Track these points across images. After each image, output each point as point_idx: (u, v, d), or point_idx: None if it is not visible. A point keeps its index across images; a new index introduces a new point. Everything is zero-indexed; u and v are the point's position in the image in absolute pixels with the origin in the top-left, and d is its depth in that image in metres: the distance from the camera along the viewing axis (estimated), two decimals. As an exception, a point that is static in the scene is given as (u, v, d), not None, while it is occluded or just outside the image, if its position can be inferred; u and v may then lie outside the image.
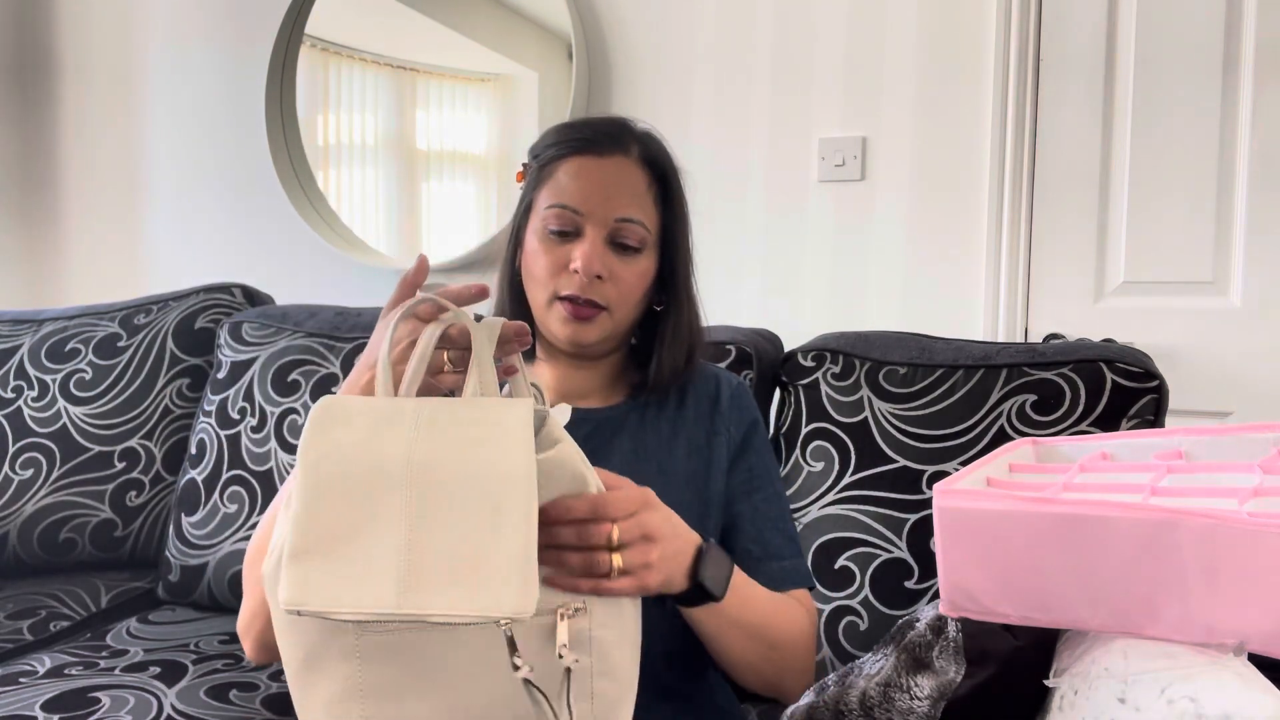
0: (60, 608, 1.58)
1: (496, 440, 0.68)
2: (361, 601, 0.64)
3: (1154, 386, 1.25)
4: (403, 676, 0.69)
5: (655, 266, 0.98)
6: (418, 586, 0.64)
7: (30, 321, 1.85)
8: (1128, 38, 1.80)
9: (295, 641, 0.70)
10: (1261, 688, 0.65)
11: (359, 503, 0.66)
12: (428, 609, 0.64)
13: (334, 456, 0.68)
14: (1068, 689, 0.75)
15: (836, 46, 1.96)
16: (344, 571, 0.65)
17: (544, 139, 1.01)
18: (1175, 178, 1.77)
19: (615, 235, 0.95)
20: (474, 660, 0.69)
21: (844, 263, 1.98)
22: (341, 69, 2.44)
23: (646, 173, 0.97)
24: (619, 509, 0.73)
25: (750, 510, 1.00)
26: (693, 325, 1.02)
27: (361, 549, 0.65)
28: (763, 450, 1.04)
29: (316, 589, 0.65)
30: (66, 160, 2.68)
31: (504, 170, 2.34)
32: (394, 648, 0.69)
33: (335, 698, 0.69)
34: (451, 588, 0.65)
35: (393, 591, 0.64)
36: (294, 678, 0.71)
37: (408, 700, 0.69)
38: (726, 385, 1.05)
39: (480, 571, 0.65)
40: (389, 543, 0.65)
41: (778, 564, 0.98)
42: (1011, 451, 1.02)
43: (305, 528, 0.66)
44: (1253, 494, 0.79)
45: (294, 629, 0.70)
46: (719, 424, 1.02)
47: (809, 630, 0.96)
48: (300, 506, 0.67)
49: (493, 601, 0.64)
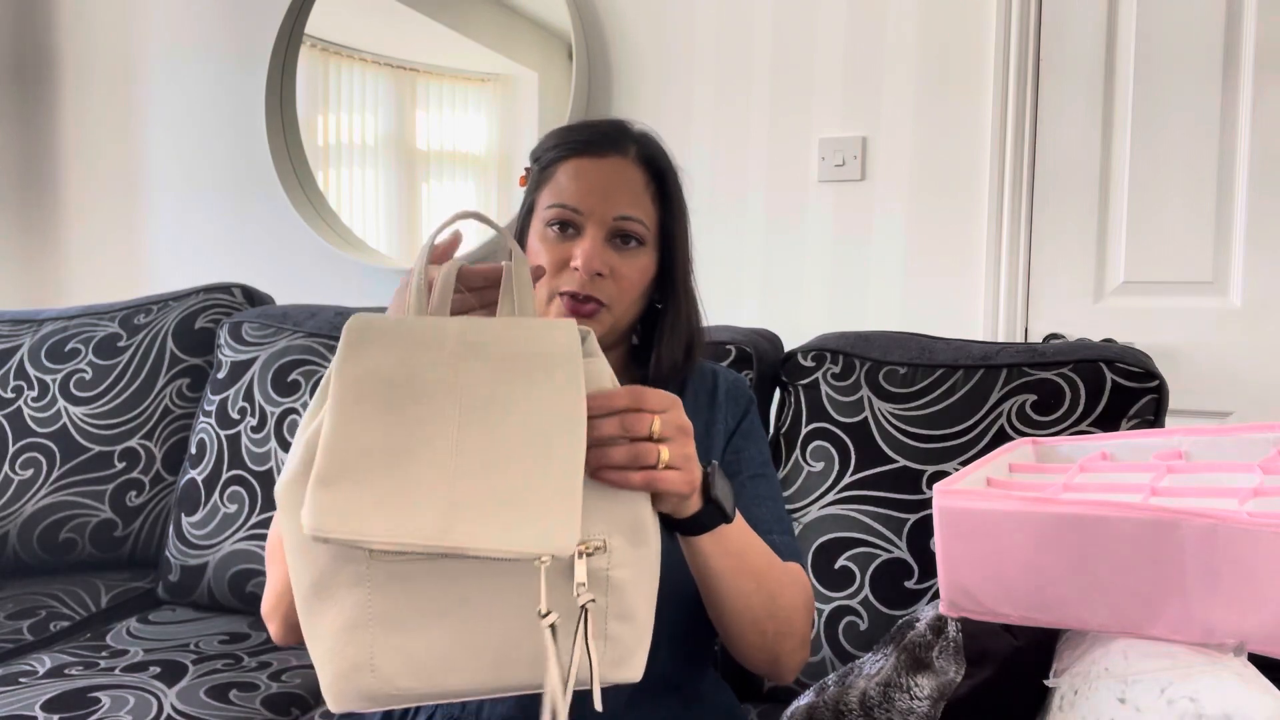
0: (60, 608, 1.58)
1: (544, 373, 0.67)
2: (399, 531, 0.62)
3: (1154, 386, 1.25)
4: (413, 608, 0.67)
5: (655, 264, 1.00)
6: (461, 520, 0.63)
7: (30, 321, 1.85)
8: (1128, 37, 1.80)
9: (305, 566, 0.67)
10: (1261, 688, 0.65)
11: (398, 430, 0.64)
12: (472, 542, 0.62)
13: (371, 377, 0.65)
14: (1068, 689, 0.75)
15: (836, 47, 1.96)
16: (379, 499, 0.63)
17: (544, 142, 1.03)
18: (1175, 178, 1.77)
19: (615, 233, 0.96)
20: (490, 595, 0.67)
21: (844, 263, 1.98)
22: (341, 69, 2.44)
23: (644, 172, 0.99)
24: (657, 402, 0.72)
25: (738, 487, 0.99)
26: (691, 321, 1.03)
27: (400, 478, 0.63)
28: (753, 434, 1.05)
29: (347, 516, 0.62)
30: (66, 160, 2.68)
31: (504, 170, 2.34)
32: (406, 578, 0.66)
33: (344, 625, 0.66)
34: (495, 521, 0.63)
35: (435, 524, 0.62)
36: (303, 604, 0.68)
37: (416, 633, 0.67)
38: (724, 379, 1.07)
39: (526, 506, 0.64)
40: (431, 474, 0.63)
41: (767, 538, 0.97)
42: (1011, 451, 1.02)
43: (336, 451, 0.63)
44: (1253, 494, 0.79)
45: (305, 553, 0.67)
46: (716, 415, 1.04)
47: (806, 596, 0.96)
48: (332, 428, 0.64)
49: (537, 537, 0.63)
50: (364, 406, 0.65)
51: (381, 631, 0.66)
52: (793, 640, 0.94)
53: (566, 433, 0.66)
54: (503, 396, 0.66)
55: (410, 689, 0.67)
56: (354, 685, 0.67)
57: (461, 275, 0.76)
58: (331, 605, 0.67)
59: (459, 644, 0.67)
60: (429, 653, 0.67)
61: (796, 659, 0.94)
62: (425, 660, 0.67)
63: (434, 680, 0.67)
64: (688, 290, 1.03)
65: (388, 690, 0.67)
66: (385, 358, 0.66)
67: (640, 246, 0.98)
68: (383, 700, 0.68)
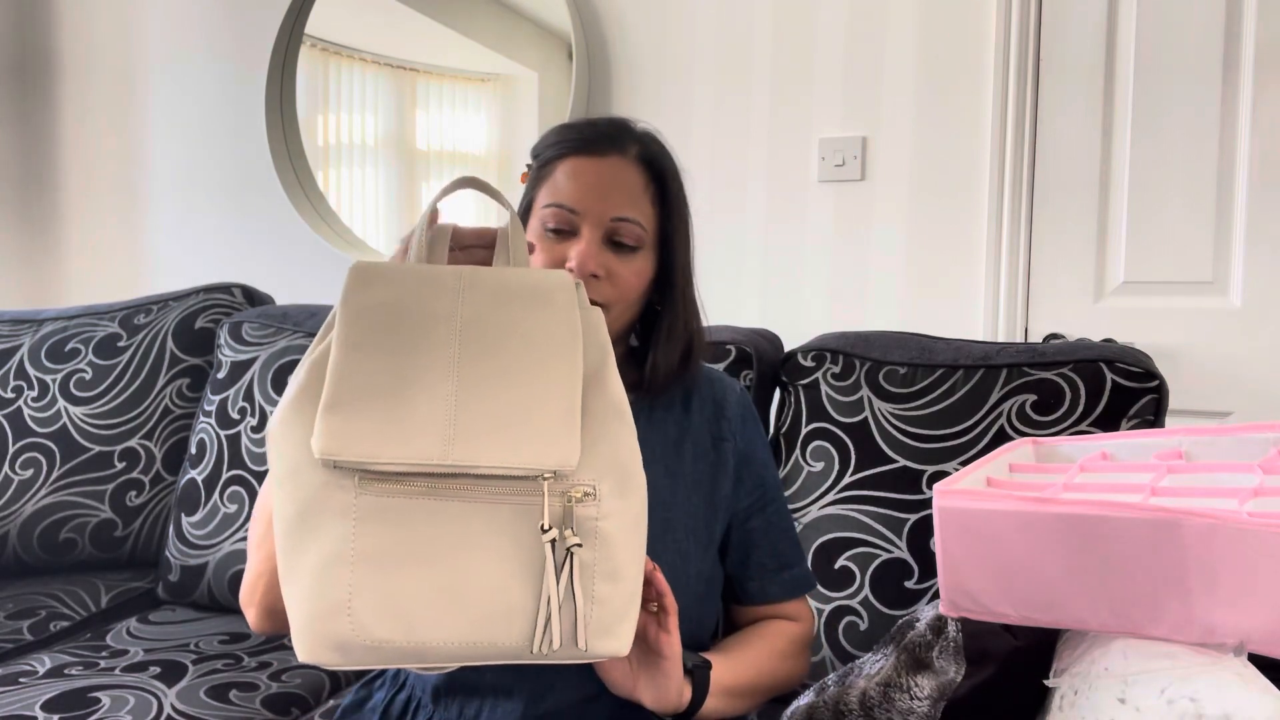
0: (60, 608, 1.58)
1: (541, 301, 0.70)
2: (404, 453, 0.64)
3: (1154, 386, 1.25)
4: (398, 546, 0.66)
5: (653, 266, 0.98)
6: (464, 439, 0.65)
7: (30, 321, 1.85)
8: (1128, 37, 1.80)
9: (292, 494, 0.67)
10: (1261, 688, 0.65)
11: (403, 356, 0.67)
12: (475, 460, 0.64)
13: (377, 310, 0.68)
14: (1068, 689, 0.75)
15: (836, 47, 1.96)
16: (386, 424, 0.65)
17: (544, 139, 1.01)
18: (1175, 178, 1.77)
19: (612, 234, 0.94)
20: (476, 538, 0.67)
21: (844, 263, 1.98)
22: (341, 69, 2.44)
23: (644, 173, 0.96)
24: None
25: (764, 524, 1.02)
26: (690, 325, 1.01)
27: (405, 402, 0.65)
28: (769, 461, 1.06)
29: (355, 439, 0.64)
30: (66, 160, 2.68)
31: (504, 170, 2.34)
32: (394, 514, 0.66)
33: (325, 562, 0.65)
34: (497, 441, 0.65)
35: (438, 444, 0.64)
36: (284, 540, 0.67)
37: (399, 575, 0.66)
38: (731, 392, 1.05)
39: (528, 425, 0.66)
40: (435, 396, 0.65)
41: (789, 573, 1.03)
42: (1011, 451, 1.02)
43: (344, 379, 0.66)
44: (1253, 494, 0.79)
45: (292, 482, 0.67)
46: (725, 430, 1.02)
47: (804, 656, 1.02)
48: (339, 358, 0.66)
49: (540, 453, 0.65)
50: (369, 336, 0.67)
51: (363, 570, 0.65)
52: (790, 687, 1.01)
53: (564, 354, 0.69)
54: (502, 321, 0.69)
55: (386, 640, 0.65)
56: (328, 630, 0.65)
57: (455, 234, 0.79)
58: (314, 539, 0.66)
59: (442, 592, 0.66)
60: (411, 600, 0.66)
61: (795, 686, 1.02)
62: (406, 608, 0.65)
63: (412, 632, 0.66)
64: (686, 295, 1.01)
65: (362, 639, 0.65)
66: (388, 293, 0.69)
67: (638, 248, 0.95)
68: (356, 653, 0.66)
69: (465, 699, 0.92)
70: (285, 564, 0.67)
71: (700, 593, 0.96)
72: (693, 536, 0.96)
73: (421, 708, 0.95)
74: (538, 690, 0.90)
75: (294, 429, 0.67)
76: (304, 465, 0.66)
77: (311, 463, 0.66)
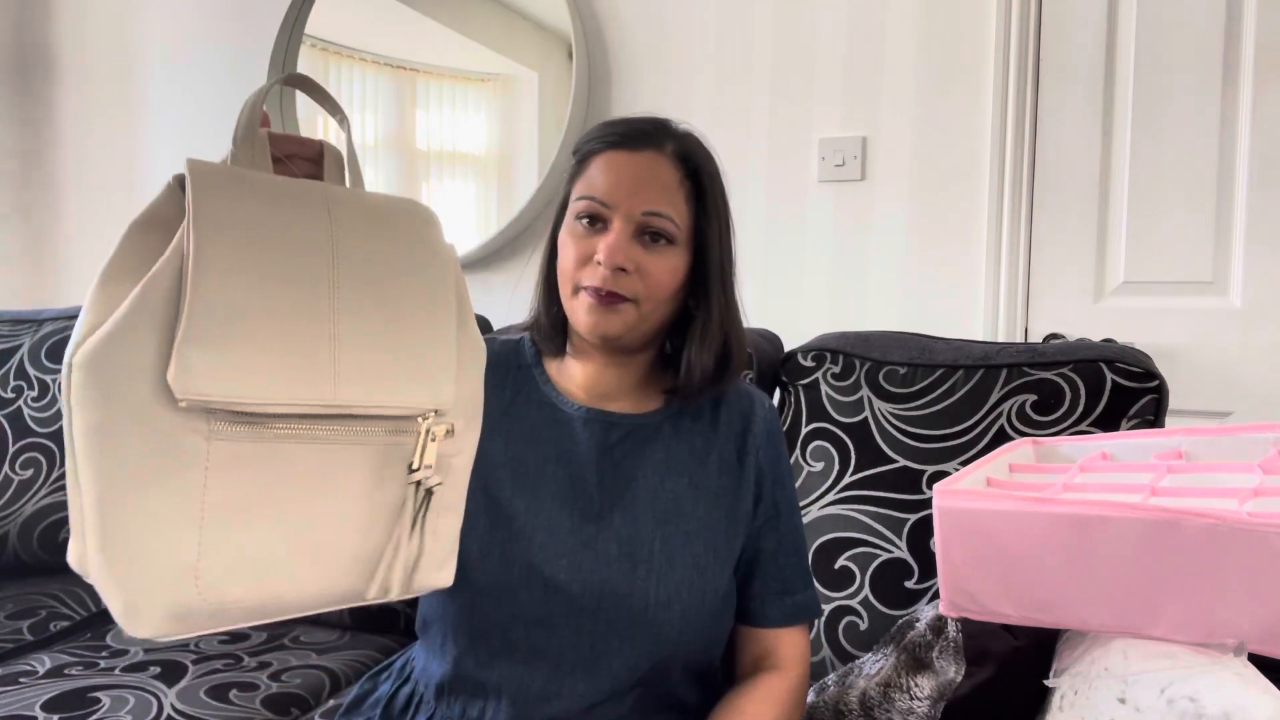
0: (60, 608, 1.58)
1: (411, 232, 0.67)
2: (293, 394, 0.58)
3: (1154, 386, 1.25)
4: (248, 498, 0.59)
5: (687, 264, 0.95)
6: (349, 377, 0.60)
7: (30, 321, 1.85)
8: (1128, 37, 1.80)
9: (131, 443, 0.56)
10: (1261, 688, 0.65)
11: (275, 283, 0.59)
12: (364, 400, 0.61)
13: (237, 227, 0.59)
14: (1068, 689, 0.75)
15: (836, 47, 1.96)
16: (258, 359, 0.57)
17: (584, 135, 1.00)
18: (1175, 178, 1.77)
19: (643, 228, 0.92)
20: (335, 481, 0.62)
21: (844, 263, 1.98)
22: (341, 69, 2.44)
23: (679, 169, 0.94)
24: None
25: (775, 545, 1.00)
26: (727, 329, 0.97)
27: (278, 335, 0.58)
28: (789, 482, 1.04)
29: (229, 378, 0.56)
30: (66, 160, 2.68)
31: (504, 170, 2.33)
32: (248, 459, 0.58)
33: (167, 519, 0.56)
34: (383, 379, 0.62)
35: (319, 383, 0.59)
36: (114, 494, 0.55)
37: (252, 529, 0.59)
38: (760, 407, 1.03)
39: (411, 363, 0.64)
40: (310, 331, 0.60)
41: (791, 599, 1.00)
42: (1011, 451, 1.02)
43: (207, 307, 0.56)
44: (1253, 494, 0.79)
45: (116, 430, 0.55)
46: (750, 445, 1.00)
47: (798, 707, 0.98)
48: (199, 280, 0.56)
49: (425, 393, 0.64)
50: (233, 257, 0.58)
51: (214, 526, 0.58)
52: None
53: (439, 289, 0.67)
54: (374, 250, 0.64)
55: (239, 600, 0.59)
56: (170, 598, 0.57)
57: (273, 141, 0.71)
58: (154, 495, 0.56)
59: (298, 542, 0.61)
60: (265, 553, 0.60)
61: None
62: (260, 560, 0.59)
63: (266, 588, 0.60)
64: (723, 296, 0.97)
65: (210, 603, 0.58)
66: (245, 208, 0.60)
67: (670, 245, 0.93)
68: (199, 620, 0.59)
69: (469, 698, 0.92)
70: (112, 527, 0.56)
71: (716, 608, 0.94)
72: (712, 551, 0.94)
73: (424, 704, 0.95)
74: (544, 693, 0.89)
75: (121, 365, 0.55)
76: (136, 408, 0.55)
77: (147, 405, 0.56)
